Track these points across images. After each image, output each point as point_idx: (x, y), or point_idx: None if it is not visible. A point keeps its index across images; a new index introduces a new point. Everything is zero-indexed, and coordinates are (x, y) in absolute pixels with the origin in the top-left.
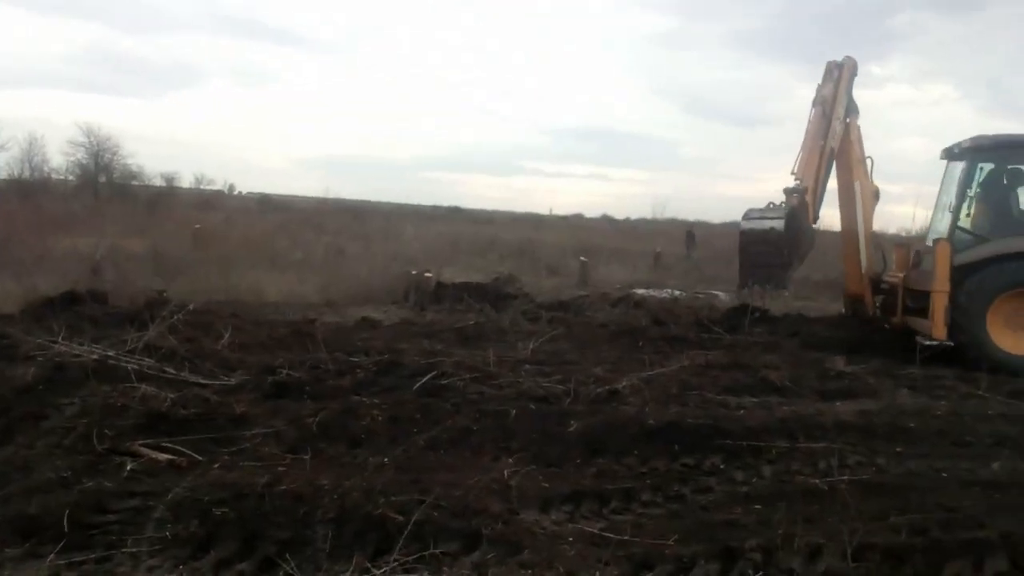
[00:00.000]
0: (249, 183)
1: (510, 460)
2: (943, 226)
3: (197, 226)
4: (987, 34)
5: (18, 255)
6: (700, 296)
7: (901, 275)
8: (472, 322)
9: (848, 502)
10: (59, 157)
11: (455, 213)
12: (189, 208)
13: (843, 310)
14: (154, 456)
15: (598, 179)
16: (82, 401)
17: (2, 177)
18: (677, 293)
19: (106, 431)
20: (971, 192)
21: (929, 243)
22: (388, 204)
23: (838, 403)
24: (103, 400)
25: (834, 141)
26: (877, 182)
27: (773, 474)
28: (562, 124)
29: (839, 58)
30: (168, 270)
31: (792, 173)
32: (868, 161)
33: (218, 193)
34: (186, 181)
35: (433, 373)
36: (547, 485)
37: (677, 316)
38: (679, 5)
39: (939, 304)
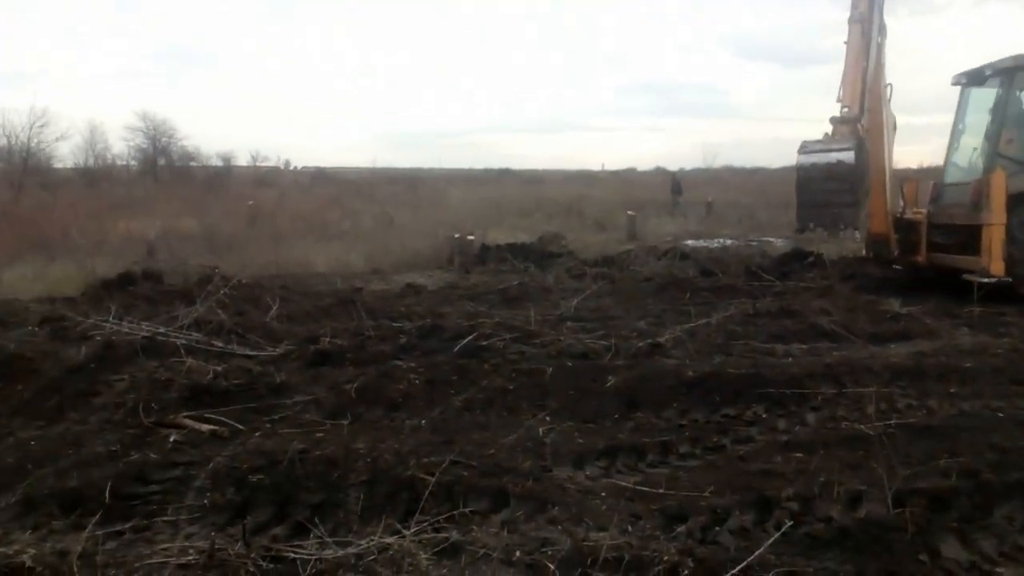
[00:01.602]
0: (304, 158)
1: (546, 417)
2: (966, 156)
3: (250, 203)
4: None
5: (79, 240)
6: (753, 244)
7: (923, 211)
8: (516, 283)
9: (894, 446)
10: (120, 144)
11: (505, 175)
12: (245, 186)
13: (864, 252)
14: (197, 427)
15: (651, 131)
16: (131, 377)
17: (68, 166)
18: (728, 243)
19: (153, 405)
20: (1006, 116)
21: (952, 176)
22: (439, 170)
23: (892, 346)
24: (150, 375)
25: (874, 62)
26: (900, 114)
27: (817, 421)
28: (612, 79)
29: None
30: (220, 247)
31: (838, 100)
32: (888, 88)
33: (274, 169)
34: (243, 160)
35: (474, 335)
36: (582, 441)
37: (726, 265)
38: None
39: (996, 237)
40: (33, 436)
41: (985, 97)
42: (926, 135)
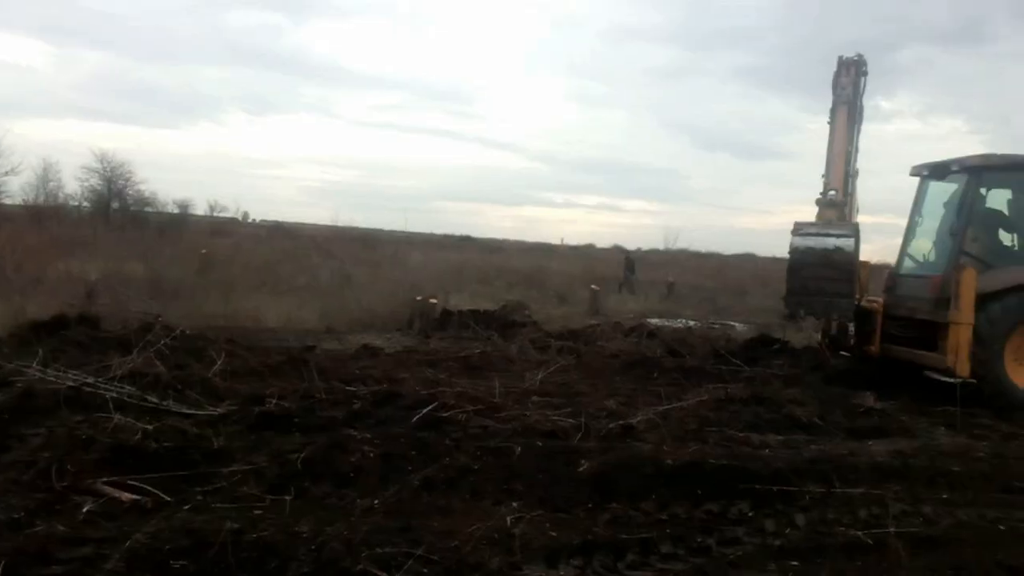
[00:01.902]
0: (263, 211)
1: (514, 504)
2: (923, 248)
3: (203, 251)
4: (995, 68)
5: (13, 278)
6: (715, 326)
7: (878, 300)
8: (478, 351)
9: (896, 558)
10: (74, 183)
11: (466, 242)
12: (200, 235)
13: (819, 339)
14: (116, 495)
15: (608, 210)
16: (49, 432)
17: (17, 202)
18: (692, 323)
19: (68, 467)
20: (972, 214)
21: (908, 267)
22: (399, 232)
23: (870, 442)
24: (70, 431)
25: (854, 146)
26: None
27: (808, 524)
28: (569, 155)
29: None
30: (167, 295)
31: (822, 177)
32: (857, 173)
33: (232, 221)
34: (200, 209)
35: (433, 404)
36: (555, 534)
37: (692, 347)
38: (680, 38)
39: (963, 338)
40: None
41: (945, 191)
42: (872, 235)
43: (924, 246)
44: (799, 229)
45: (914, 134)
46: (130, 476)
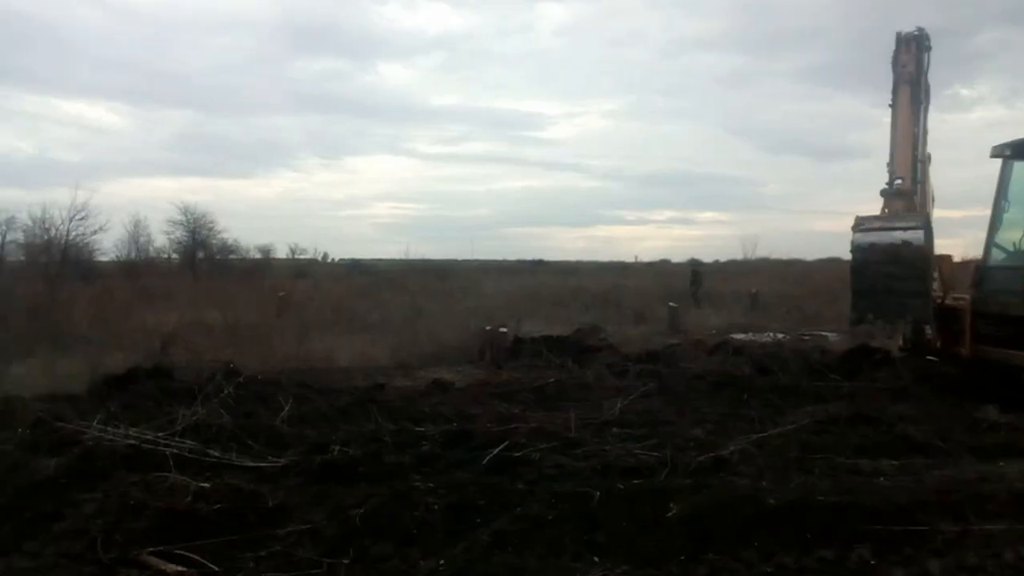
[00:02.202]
0: (341, 250)
1: (595, 559)
2: (1013, 236)
3: (281, 294)
4: None
5: (95, 333)
6: (806, 338)
7: (965, 297)
8: (552, 380)
9: None
10: (162, 237)
11: (538, 266)
12: (281, 278)
13: (901, 343)
14: (162, 567)
15: (681, 223)
16: (103, 497)
17: (111, 259)
18: (780, 336)
19: (117, 536)
20: None
21: (997, 258)
22: (471, 261)
23: (1001, 463)
24: (123, 496)
25: (922, 128)
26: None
27: (944, 571)
28: (637, 171)
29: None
30: (244, 340)
31: (887, 166)
32: (929, 158)
33: (311, 262)
34: (281, 252)
35: (505, 443)
36: None
37: (784, 362)
38: (740, 43)
39: None
40: None
41: None
42: (959, 229)
43: (1013, 234)
44: (860, 224)
45: (999, 120)
46: (179, 544)
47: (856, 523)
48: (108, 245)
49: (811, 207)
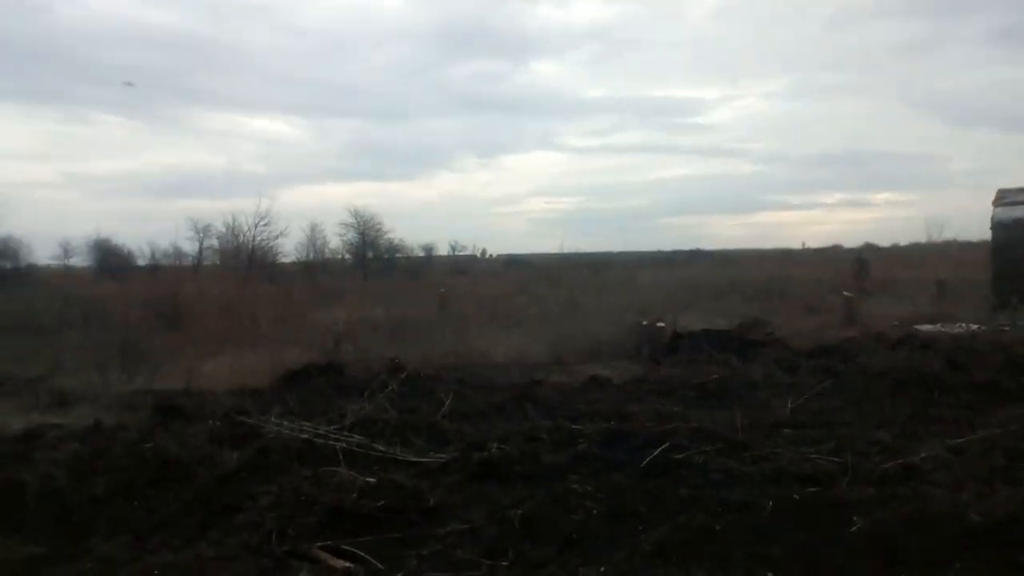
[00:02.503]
0: (498, 246)
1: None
2: None
3: (442, 290)
4: None
5: (276, 331)
6: (1006, 328)
7: None
8: (715, 376)
9: None
10: (336, 240)
11: (696, 256)
12: (443, 275)
13: None
14: (331, 562)
15: (853, 205)
16: (279, 490)
17: (291, 260)
18: (974, 327)
19: (290, 530)
20: None
21: None
22: (626, 253)
23: None
24: (296, 491)
25: None
26: None
27: None
28: (801, 153)
29: None
30: (408, 336)
31: None
32: None
33: (471, 258)
34: (443, 250)
35: (665, 444)
36: None
37: (981, 357)
38: (918, 8)
39: None
40: (163, 562)
41: None
42: None
43: None
44: (1003, 198)
45: None
46: (347, 539)
47: None
48: (289, 248)
49: (1005, 183)
